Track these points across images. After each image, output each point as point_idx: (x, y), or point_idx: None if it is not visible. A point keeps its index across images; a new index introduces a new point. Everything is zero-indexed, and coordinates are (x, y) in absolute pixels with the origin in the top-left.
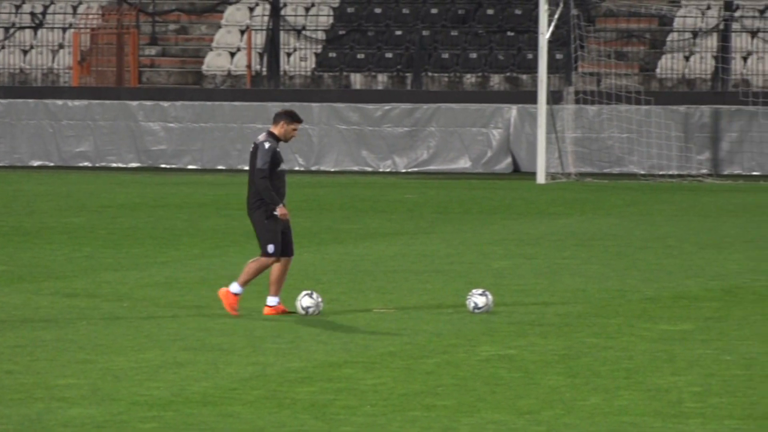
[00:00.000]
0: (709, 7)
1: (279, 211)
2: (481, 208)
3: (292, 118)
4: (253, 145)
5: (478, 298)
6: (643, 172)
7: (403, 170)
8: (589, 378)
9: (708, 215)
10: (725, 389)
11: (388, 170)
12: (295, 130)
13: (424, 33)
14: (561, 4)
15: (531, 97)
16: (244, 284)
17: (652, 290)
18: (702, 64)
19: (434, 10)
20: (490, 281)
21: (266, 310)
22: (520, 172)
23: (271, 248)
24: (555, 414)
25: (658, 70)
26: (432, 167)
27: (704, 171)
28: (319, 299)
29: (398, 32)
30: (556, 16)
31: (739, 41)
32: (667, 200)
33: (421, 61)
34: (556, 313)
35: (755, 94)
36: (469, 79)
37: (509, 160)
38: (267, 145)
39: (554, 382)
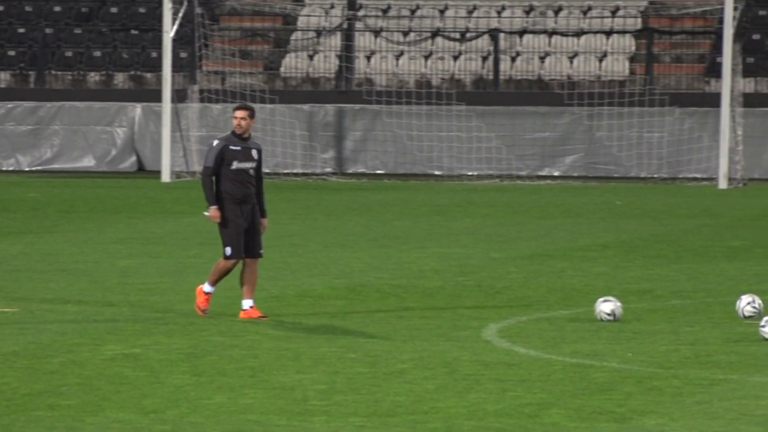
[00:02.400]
0: (332, 6)
1: (209, 212)
2: (105, 206)
3: (234, 108)
4: None
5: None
6: (267, 171)
7: (27, 169)
8: (214, 376)
9: (333, 214)
10: (350, 387)
11: (11, 169)
12: (236, 118)
13: (47, 31)
14: (185, 3)
15: (155, 96)
16: (213, 284)
17: (277, 289)
18: (326, 63)
19: (57, 8)
20: (116, 280)
21: (242, 314)
22: (145, 171)
23: (228, 251)
24: (180, 413)
25: (282, 69)
26: (56, 166)
27: (329, 169)
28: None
29: (21, 30)
30: (181, 15)
31: (363, 40)
32: (291, 199)
33: (45, 59)
34: (182, 312)
35: (378, 93)
36: (93, 77)
37: (134, 158)
38: (215, 143)
39: (179, 381)
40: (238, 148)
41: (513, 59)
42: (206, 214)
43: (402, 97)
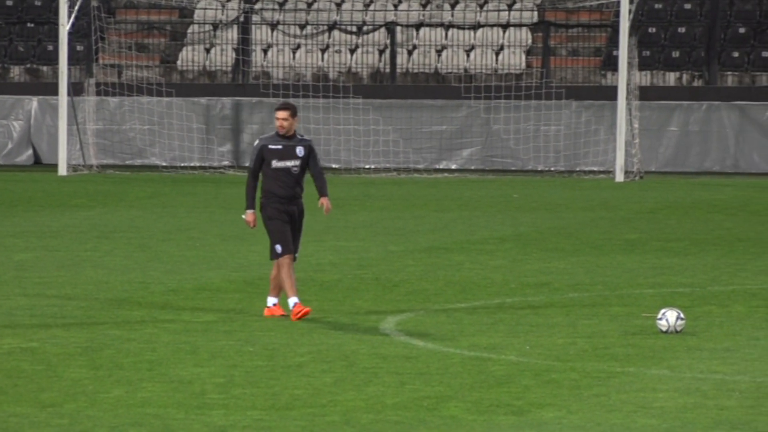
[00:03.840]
0: None
1: (245, 216)
2: (1, 200)
3: (275, 108)
4: None
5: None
6: (164, 164)
7: None
8: (112, 370)
9: (230, 207)
10: (248, 380)
11: None
12: (278, 119)
13: None
14: None
15: (52, 89)
16: (293, 294)
17: (174, 282)
18: (223, 56)
19: None
20: (12, 273)
21: (266, 311)
22: (42, 164)
23: (278, 248)
24: (78, 406)
25: (179, 62)
26: None
27: (226, 163)
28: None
29: None
30: (77, 8)
31: (259, 33)
32: (189, 192)
33: None
34: (79, 306)
35: (275, 86)
36: None
37: (30, 152)
38: (255, 143)
39: (77, 375)
40: (279, 146)
41: (410, 52)
42: (243, 217)
43: (299, 91)
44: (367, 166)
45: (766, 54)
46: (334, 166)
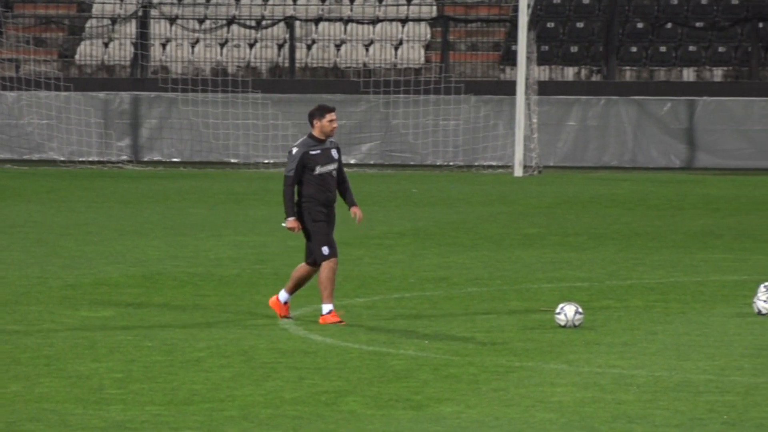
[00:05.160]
0: None
1: (287, 223)
2: None
3: (322, 111)
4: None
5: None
6: (62, 159)
7: None
8: (9, 365)
9: (128, 202)
10: (146, 375)
11: None
12: (331, 121)
13: None
14: None
15: None
16: (328, 299)
17: (72, 277)
18: (121, 51)
19: None
20: None
21: (321, 319)
22: None
23: (325, 250)
24: None
25: (77, 57)
26: None
27: (124, 157)
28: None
29: None
30: None
31: (158, 28)
32: (87, 187)
33: None
34: None
35: (174, 81)
36: None
37: None
38: (294, 150)
39: None
40: (318, 151)
41: (309, 47)
42: (284, 225)
43: (198, 85)
44: (266, 161)
45: (664, 49)
46: (233, 160)
